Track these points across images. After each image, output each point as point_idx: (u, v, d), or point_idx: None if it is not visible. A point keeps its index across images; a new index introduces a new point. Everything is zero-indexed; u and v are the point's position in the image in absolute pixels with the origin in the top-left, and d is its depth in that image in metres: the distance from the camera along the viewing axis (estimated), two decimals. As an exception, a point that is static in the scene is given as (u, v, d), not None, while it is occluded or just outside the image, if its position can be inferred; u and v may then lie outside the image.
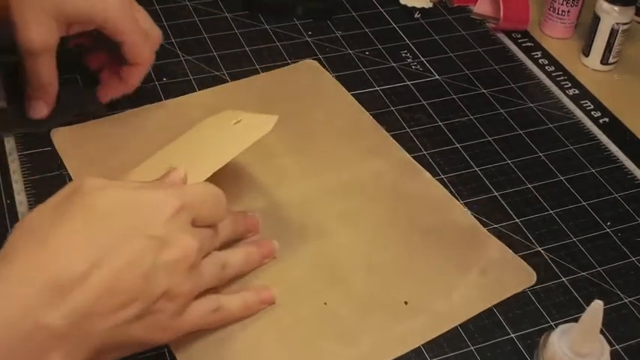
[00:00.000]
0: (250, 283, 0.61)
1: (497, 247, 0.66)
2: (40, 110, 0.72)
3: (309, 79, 0.83)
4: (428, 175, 0.72)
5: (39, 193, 0.67)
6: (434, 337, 0.59)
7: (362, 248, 0.65)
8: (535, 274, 0.64)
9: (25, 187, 0.68)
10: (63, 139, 0.73)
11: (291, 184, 0.70)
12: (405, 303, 0.61)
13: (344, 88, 0.81)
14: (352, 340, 0.58)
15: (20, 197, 0.67)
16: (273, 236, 0.64)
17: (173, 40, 0.87)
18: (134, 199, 0.51)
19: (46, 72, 0.70)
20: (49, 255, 0.48)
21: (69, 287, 0.47)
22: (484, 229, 0.68)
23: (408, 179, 0.72)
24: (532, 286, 0.64)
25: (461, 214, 0.69)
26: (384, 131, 0.77)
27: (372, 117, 0.78)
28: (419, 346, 0.59)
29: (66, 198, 0.51)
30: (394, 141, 0.76)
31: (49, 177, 0.69)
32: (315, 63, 0.85)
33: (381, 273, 0.63)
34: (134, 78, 0.74)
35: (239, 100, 0.79)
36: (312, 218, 0.67)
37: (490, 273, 0.64)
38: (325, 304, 0.60)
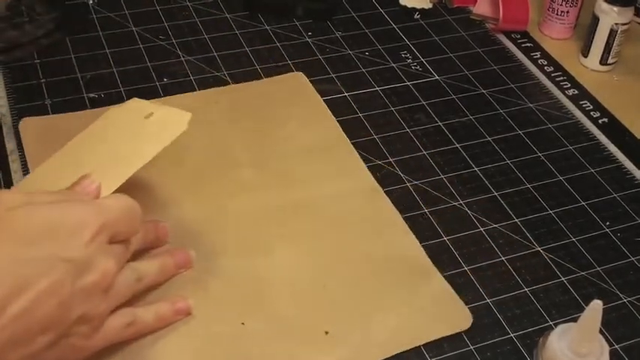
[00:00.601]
0: (170, 295, 0.60)
1: (439, 285, 0.63)
2: None
3: (292, 92, 0.81)
4: (389, 203, 0.70)
5: (40, 194, 0.68)
6: None
7: (294, 272, 0.63)
8: (471, 318, 0.61)
9: (27, 188, 0.68)
10: (30, 129, 0.70)
11: (245, 197, 0.69)
12: (326, 333, 0.59)
13: (326, 106, 0.79)
14: None
15: (21, 197, 0.67)
16: (209, 248, 0.63)
17: (174, 41, 0.87)
18: (57, 220, 0.50)
19: None
20: None
21: None
22: (432, 266, 0.64)
23: (366, 205, 0.69)
24: (532, 287, 0.64)
25: (412, 247, 0.66)
26: (357, 154, 0.74)
27: (348, 139, 0.76)
28: (419, 346, 0.59)
29: None
30: (364, 165, 0.73)
31: (50, 177, 0.69)
32: (303, 76, 0.83)
33: (308, 299, 0.61)
34: None
35: (216, 106, 0.78)
36: (254, 234, 0.65)
37: (424, 311, 0.61)
38: (243, 324, 0.59)
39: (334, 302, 0.61)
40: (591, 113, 0.83)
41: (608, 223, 0.70)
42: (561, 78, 0.88)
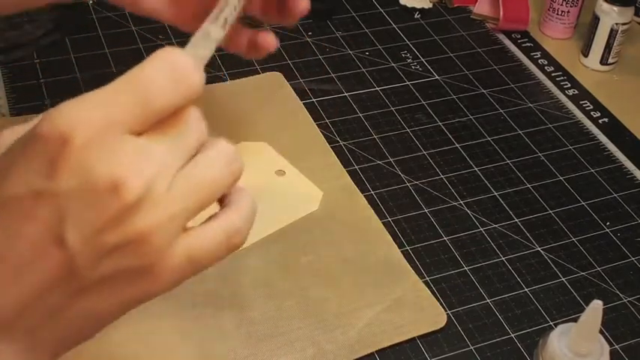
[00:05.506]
0: None
1: (413, 284, 0.63)
2: None
3: (268, 92, 0.80)
4: (365, 204, 0.69)
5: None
6: None
7: (269, 271, 0.63)
8: (445, 317, 0.61)
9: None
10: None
11: None
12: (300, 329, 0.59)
13: (302, 105, 0.79)
14: None
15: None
16: None
17: (174, 41, 0.87)
18: None
19: None
20: None
21: None
22: (408, 266, 0.64)
23: (342, 205, 0.69)
24: (532, 287, 0.64)
25: (388, 247, 0.65)
26: (333, 154, 0.74)
27: (324, 138, 0.75)
28: (419, 346, 0.59)
29: None
30: (341, 165, 0.73)
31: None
32: (280, 76, 0.82)
33: (281, 299, 0.61)
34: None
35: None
36: None
37: (397, 311, 0.61)
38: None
39: (307, 303, 0.61)
40: (591, 113, 0.83)
41: (608, 223, 0.70)
42: (561, 78, 0.88)
